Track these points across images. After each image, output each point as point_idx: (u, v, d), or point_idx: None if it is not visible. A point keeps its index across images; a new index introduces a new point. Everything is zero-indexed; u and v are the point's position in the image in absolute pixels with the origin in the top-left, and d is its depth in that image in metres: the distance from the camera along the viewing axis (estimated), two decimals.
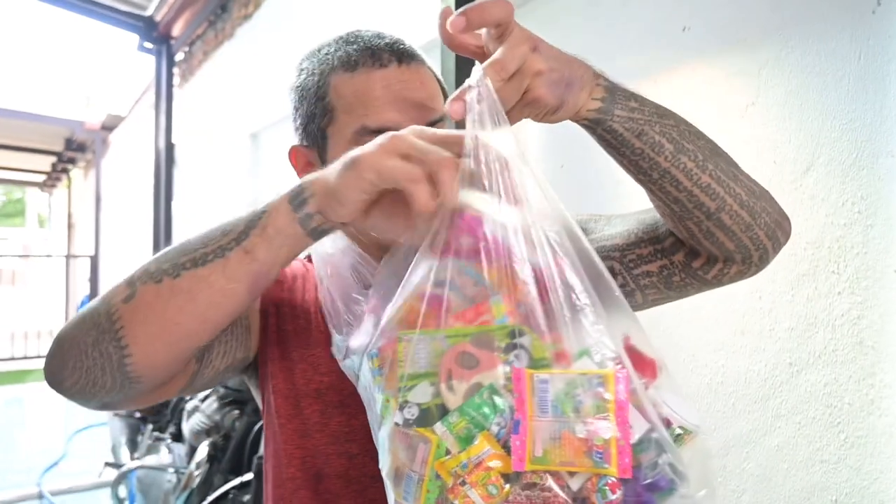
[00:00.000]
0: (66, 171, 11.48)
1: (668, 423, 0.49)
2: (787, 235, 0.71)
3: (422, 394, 0.50)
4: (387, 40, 0.78)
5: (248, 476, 1.84)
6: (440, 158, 0.50)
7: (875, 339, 1.10)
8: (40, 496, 3.63)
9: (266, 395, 0.76)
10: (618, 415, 0.45)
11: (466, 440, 0.47)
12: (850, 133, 1.13)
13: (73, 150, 9.76)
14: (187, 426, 2.37)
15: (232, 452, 2.03)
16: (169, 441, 2.62)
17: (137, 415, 2.87)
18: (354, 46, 0.76)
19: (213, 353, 0.67)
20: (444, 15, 0.56)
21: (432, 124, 0.72)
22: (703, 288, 0.74)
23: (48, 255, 9.97)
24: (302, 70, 0.79)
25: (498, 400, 0.47)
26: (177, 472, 2.39)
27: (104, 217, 8.83)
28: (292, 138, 0.83)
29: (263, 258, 0.55)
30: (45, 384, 0.59)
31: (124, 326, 0.53)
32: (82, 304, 9.69)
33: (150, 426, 2.81)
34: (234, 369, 0.74)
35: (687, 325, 1.41)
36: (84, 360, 0.54)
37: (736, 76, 1.32)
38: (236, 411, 2.19)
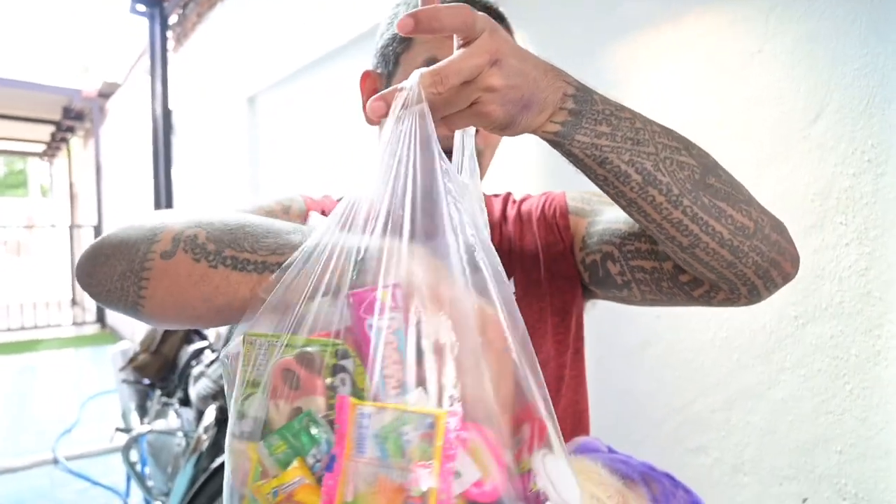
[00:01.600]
0: (65, 140, 11.41)
1: (538, 500, 0.44)
2: (787, 277, 0.66)
3: (255, 406, 0.45)
4: (482, 3, 0.81)
5: None
6: None
7: (883, 290, 1.08)
8: (55, 461, 3.71)
9: None
10: (443, 463, 0.39)
11: (285, 464, 0.43)
12: (862, 79, 1.09)
13: (71, 119, 9.67)
14: (194, 391, 2.39)
15: None
16: (177, 406, 2.65)
17: (146, 381, 2.90)
18: None
19: None
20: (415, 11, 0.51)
21: None
22: (692, 304, 0.70)
23: (52, 225, 9.97)
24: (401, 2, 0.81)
25: (314, 430, 0.42)
26: (186, 435, 2.43)
27: (105, 186, 8.80)
28: (292, 100, 0.83)
29: None
30: (56, 353, 0.59)
31: (150, 279, 0.53)
32: None
33: (159, 392, 2.84)
34: None
35: None
36: (107, 283, 0.54)
37: (742, 22, 1.27)
38: None
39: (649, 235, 0.68)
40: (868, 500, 1.11)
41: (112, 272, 0.54)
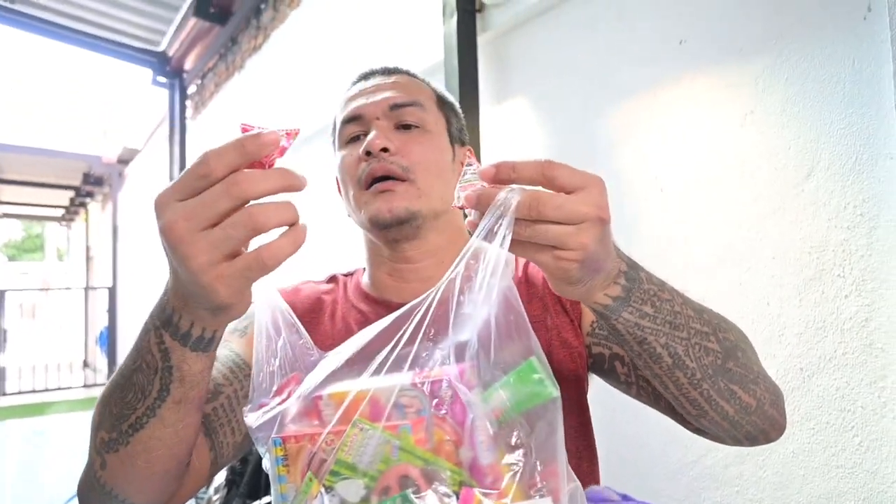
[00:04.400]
0: (83, 204, 11.68)
1: None
2: (770, 441, 0.70)
3: (353, 491, 0.48)
4: (387, 66, 0.90)
5: (267, 499, 1.85)
6: (240, 221, 0.44)
7: (885, 342, 1.09)
8: None
9: None
10: None
11: None
12: (849, 137, 1.14)
13: (90, 184, 9.94)
14: None
15: (250, 476, 2.04)
16: None
17: None
18: (359, 73, 0.91)
19: (220, 434, 0.70)
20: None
21: (398, 106, 0.82)
22: (684, 425, 0.73)
23: (67, 288, 10.10)
24: None
25: None
26: (196, 498, 2.41)
27: (121, 249, 8.96)
28: (296, 167, 0.90)
29: (194, 395, 0.56)
30: (66, 416, 0.64)
31: (114, 487, 0.59)
32: (101, 335, 9.79)
33: None
34: None
35: None
36: None
37: (734, 86, 1.34)
38: None
39: None
40: None
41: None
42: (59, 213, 13.30)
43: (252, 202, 0.45)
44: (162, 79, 5.10)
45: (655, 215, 1.51)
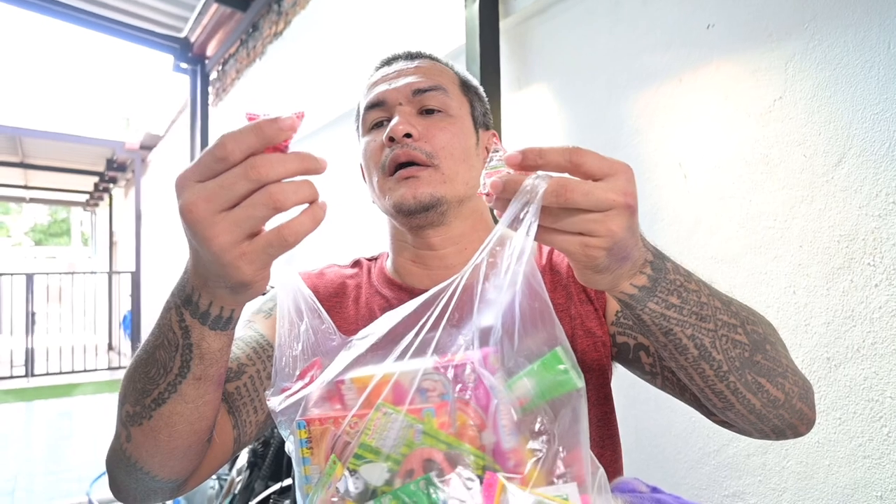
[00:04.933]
0: (107, 190, 11.85)
1: None
2: (799, 435, 0.69)
3: (376, 474, 0.49)
4: (410, 51, 0.90)
5: (288, 481, 1.88)
6: (264, 199, 0.45)
7: None
8: None
9: None
10: None
11: None
12: (882, 123, 1.11)
13: (114, 170, 10.08)
14: None
15: (271, 459, 2.07)
16: None
17: None
18: (382, 59, 0.91)
19: (243, 413, 0.71)
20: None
21: (420, 91, 0.82)
22: (709, 417, 0.72)
23: (92, 272, 10.28)
24: None
25: (433, 493, 0.46)
26: (219, 478, 2.45)
27: (144, 234, 9.09)
28: (319, 152, 0.92)
29: (213, 371, 0.58)
30: (92, 397, 0.66)
31: (139, 460, 0.61)
32: (125, 319, 9.96)
33: None
34: None
35: None
36: (131, 486, 0.63)
37: (762, 71, 1.31)
38: None
39: None
40: None
41: (125, 479, 0.63)
42: (84, 198, 13.52)
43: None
44: (184, 65, 5.13)
45: (679, 202, 1.49)
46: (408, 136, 0.78)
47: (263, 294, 0.84)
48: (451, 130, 0.81)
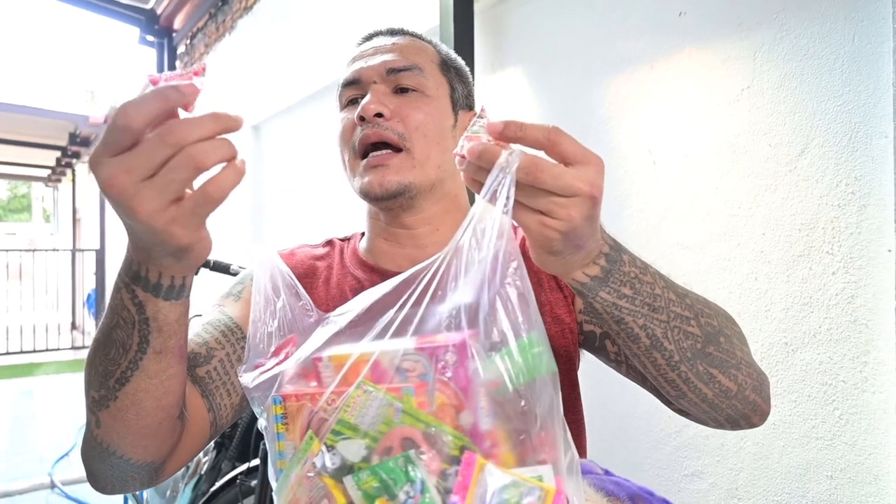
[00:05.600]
0: (70, 165, 11.51)
1: None
2: (753, 426, 0.71)
3: (353, 450, 0.49)
4: (392, 27, 0.88)
5: (255, 462, 1.87)
6: (183, 160, 0.45)
7: (869, 318, 1.11)
8: (52, 486, 3.69)
9: None
10: None
11: (371, 498, 0.47)
12: (845, 115, 1.14)
13: (77, 145, 9.79)
14: None
15: (238, 439, 2.06)
16: None
17: None
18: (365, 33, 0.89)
19: (216, 396, 0.71)
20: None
21: (395, 70, 0.81)
22: (668, 406, 0.74)
23: (54, 250, 10.02)
24: None
25: (411, 470, 0.47)
26: None
27: (109, 211, 8.88)
28: (296, 129, 0.90)
29: (173, 343, 0.57)
30: (54, 377, 0.65)
31: (110, 444, 0.60)
32: (89, 298, 9.75)
33: None
34: None
35: None
36: (107, 473, 0.63)
37: (731, 60, 1.33)
38: None
39: None
40: None
41: (101, 467, 0.62)
42: (45, 173, 13.12)
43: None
44: (150, 38, 4.98)
45: (648, 189, 1.51)
46: (379, 115, 0.77)
47: (208, 258, 0.83)
48: (426, 110, 0.80)
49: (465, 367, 0.50)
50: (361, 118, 0.78)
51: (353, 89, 0.82)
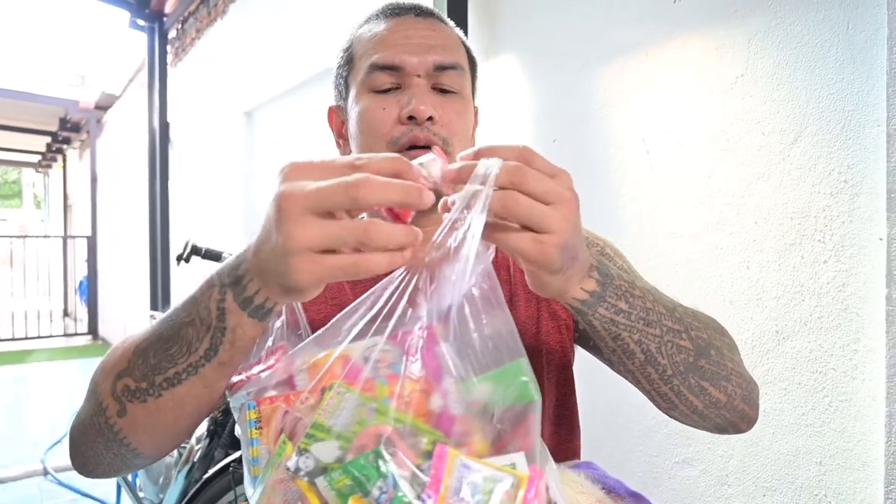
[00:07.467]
0: (61, 151, 11.41)
1: None
2: (740, 432, 0.72)
3: (327, 452, 0.48)
4: (413, 2, 0.82)
5: None
6: (363, 225, 0.44)
7: (859, 306, 1.12)
8: (45, 472, 3.69)
9: None
10: None
11: (345, 496, 0.46)
12: (838, 103, 1.14)
13: (67, 130, 9.69)
14: None
15: (231, 427, 2.06)
16: None
17: None
18: (383, 6, 0.82)
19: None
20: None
21: (442, 68, 0.76)
22: (659, 409, 0.74)
23: (45, 236, 9.96)
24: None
25: (383, 466, 0.46)
26: (178, 448, 2.43)
27: (100, 197, 8.81)
28: (289, 116, 0.87)
29: (238, 360, 0.55)
30: (47, 364, 0.63)
31: (128, 436, 0.58)
32: (81, 285, 9.71)
33: None
34: None
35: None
36: (103, 458, 0.60)
37: (726, 47, 1.32)
38: None
39: None
40: None
41: (98, 450, 0.59)
42: (36, 159, 13.00)
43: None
44: (141, 22, 4.92)
45: (642, 178, 1.51)
46: (429, 118, 0.74)
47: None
48: (465, 116, 0.78)
49: (432, 351, 0.50)
50: (410, 117, 0.73)
51: (391, 76, 0.75)
